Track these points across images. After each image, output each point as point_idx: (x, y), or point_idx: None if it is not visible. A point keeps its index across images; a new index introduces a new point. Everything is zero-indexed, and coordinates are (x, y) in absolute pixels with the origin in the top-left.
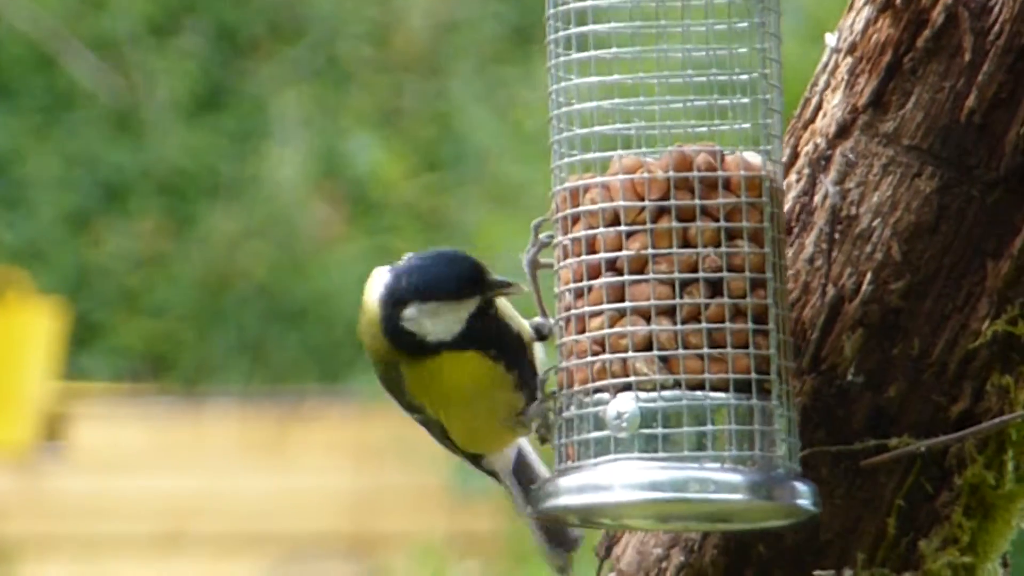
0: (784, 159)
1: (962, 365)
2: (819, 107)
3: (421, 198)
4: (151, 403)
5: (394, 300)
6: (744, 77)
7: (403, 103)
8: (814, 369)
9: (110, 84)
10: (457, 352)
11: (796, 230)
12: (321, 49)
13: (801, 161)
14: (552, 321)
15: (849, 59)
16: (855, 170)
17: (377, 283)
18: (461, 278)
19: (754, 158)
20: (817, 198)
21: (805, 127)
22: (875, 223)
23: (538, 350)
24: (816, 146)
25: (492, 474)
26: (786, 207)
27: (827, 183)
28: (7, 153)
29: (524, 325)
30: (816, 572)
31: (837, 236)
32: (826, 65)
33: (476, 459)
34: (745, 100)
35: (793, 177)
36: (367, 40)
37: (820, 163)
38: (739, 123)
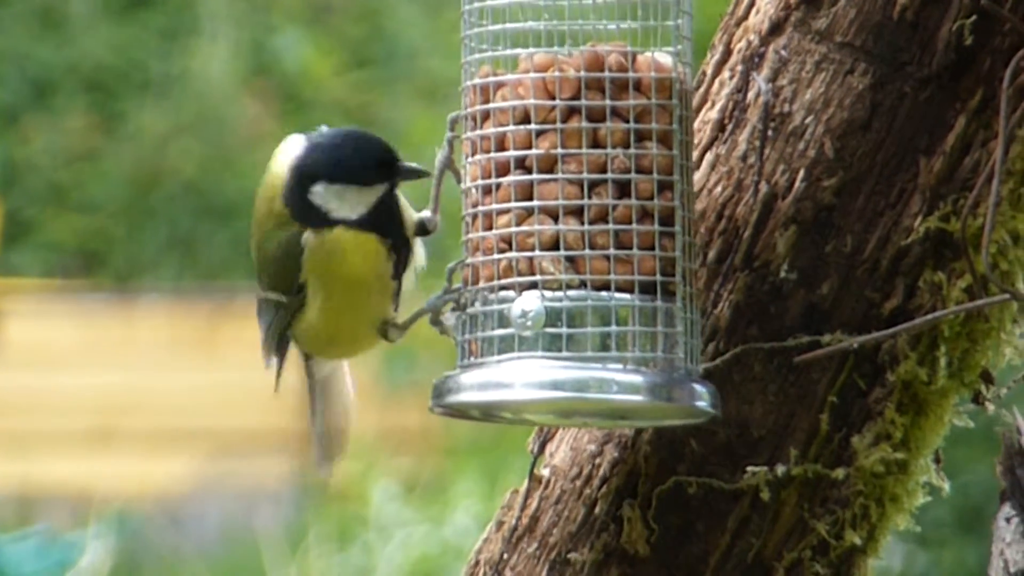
0: (717, 56)
1: (895, 262)
2: (752, 4)
3: (351, 95)
4: (82, 299)
5: (302, 175)
6: None
7: (332, 0)
8: (747, 266)
9: None
10: (356, 231)
11: (729, 128)
12: None
13: (734, 58)
14: (438, 218)
15: None
16: (788, 67)
17: (288, 151)
18: (370, 164)
19: (665, 59)
20: (750, 95)
21: (738, 24)
22: (808, 120)
23: (418, 245)
24: (749, 43)
25: (309, 380)
26: (719, 105)
27: (760, 80)
28: None
29: (412, 218)
30: (749, 468)
31: (770, 133)
32: None
33: (305, 358)
34: None
35: (726, 74)
36: None
37: (753, 60)
38: (649, 22)
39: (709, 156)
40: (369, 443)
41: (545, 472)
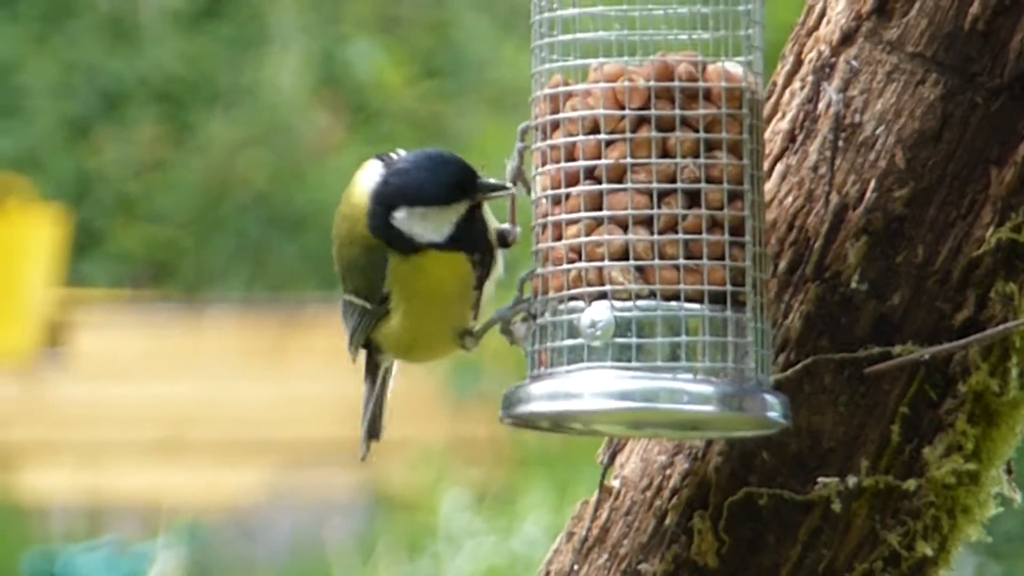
0: (787, 67)
1: (966, 273)
2: (823, 14)
3: (420, 105)
4: (151, 310)
5: (383, 201)
6: None
7: (402, 11)
8: (818, 277)
9: None
10: (445, 252)
11: (800, 138)
12: None
13: (805, 69)
14: (518, 230)
15: None
16: (859, 77)
17: (368, 176)
18: (449, 184)
19: (735, 69)
20: (821, 106)
21: (809, 34)
22: (879, 131)
23: (499, 257)
24: (820, 53)
25: (371, 371)
26: (789, 115)
27: (831, 91)
28: (6, 61)
29: (494, 227)
30: (820, 479)
31: (841, 144)
32: None
33: (372, 354)
34: (726, 8)
35: (797, 85)
36: None
37: (824, 71)
38: (721, 32)
39: (780, 167)
40: (438, 454)
41: (615, 483)
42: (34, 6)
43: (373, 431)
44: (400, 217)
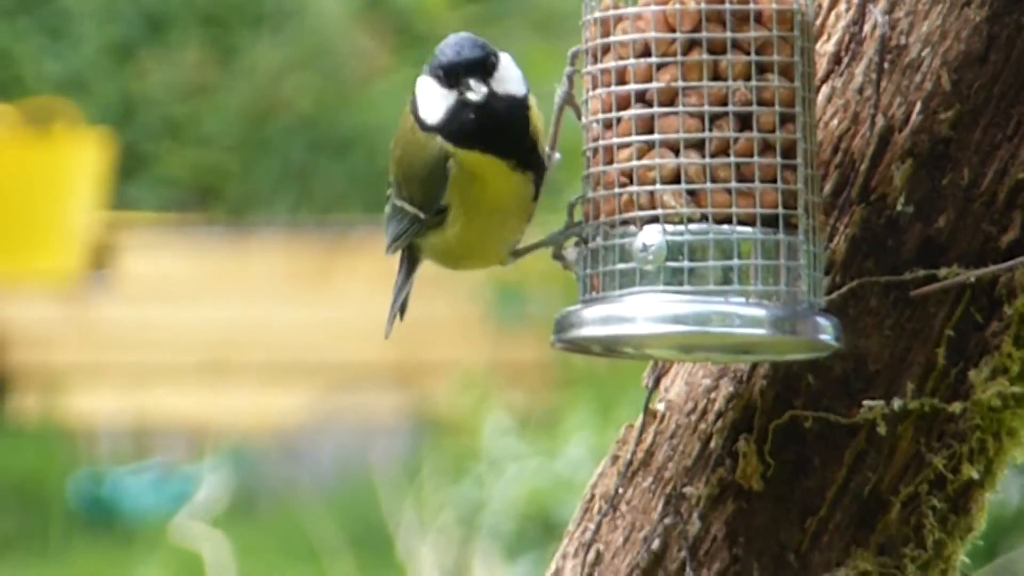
0: None
1: (1012, 194)
2: None
3: (466, 29)
4: (197, 233)
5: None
6: None
7: None
8: (863, 199)
9: None
10: (485, 154)
11: (845, 60)
12: None
13: None
14: (557, 155)
15: None
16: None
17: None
18: (447, 66)
19: None
20: (867, 28)
21: None
22: (924, 52)
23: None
24: None
25: (409, 265)
26: (834, 38)
27: (876, 12)
28: None
29: (543, 148)
30: (865, 402)
31: (886, 66)
32: None
33: (415, 260)
34: None
35: (842, 7)
36: None
37: None
38: None
39: (825, 89)
40: (482, 377)
41: (660, 406)
42: None
43: (403, 311)
44: (417, 92)
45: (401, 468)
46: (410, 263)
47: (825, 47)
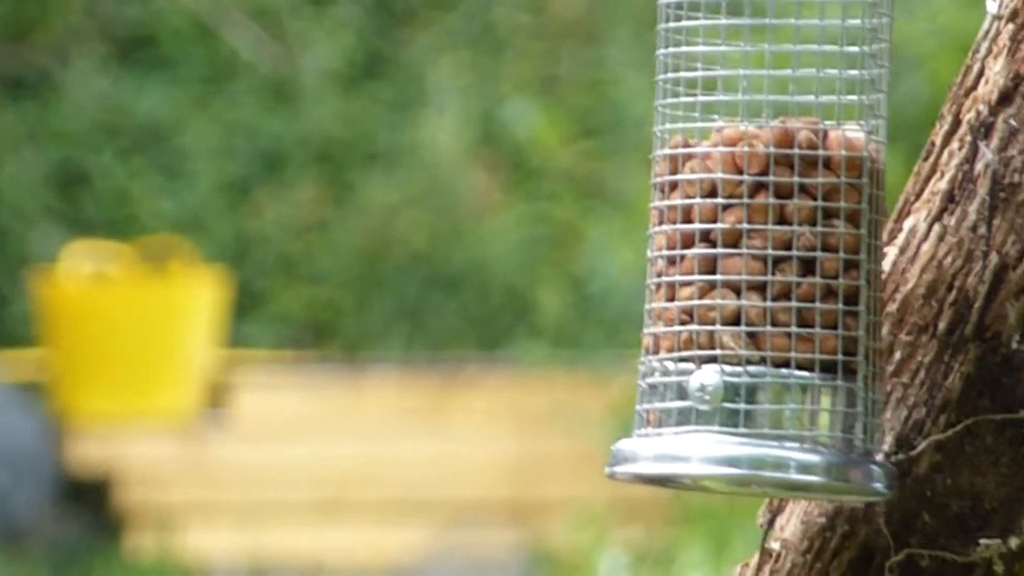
0: (946, 127)
1: None
2: (981, 74)
3: (578, 164)
4: (312, 370)
5: None
6: (854, 50)
7: (560, 70)
8: (978, 337)
9: (269, 54)
10: None
11: (958, 198)
12: (477, 16)
13: (963, 129)
14: None
15: (1011, 25)
16: (1017, 137)
17: None
18: None
19: (856, 137)
20: (979, 166)
21: (967, 94)
22: None
23: None
24: (978, 113)
25: None
26: (947, 175)
27: (988, 151)
28: (168, 123)
29: None
30: (982, 540)
31: (999, 204)
32: (987, 32)
33: None
34: (854, 73)
35: (955, 144)
36: (523, 7)
37: (981, 130)
38: (845, 97)
39: (937, 227)
40: (599, 513)
41: (775, 545)
42: (195, 68)
43: None
44: None
45: None
46: None
47: (938, 185)
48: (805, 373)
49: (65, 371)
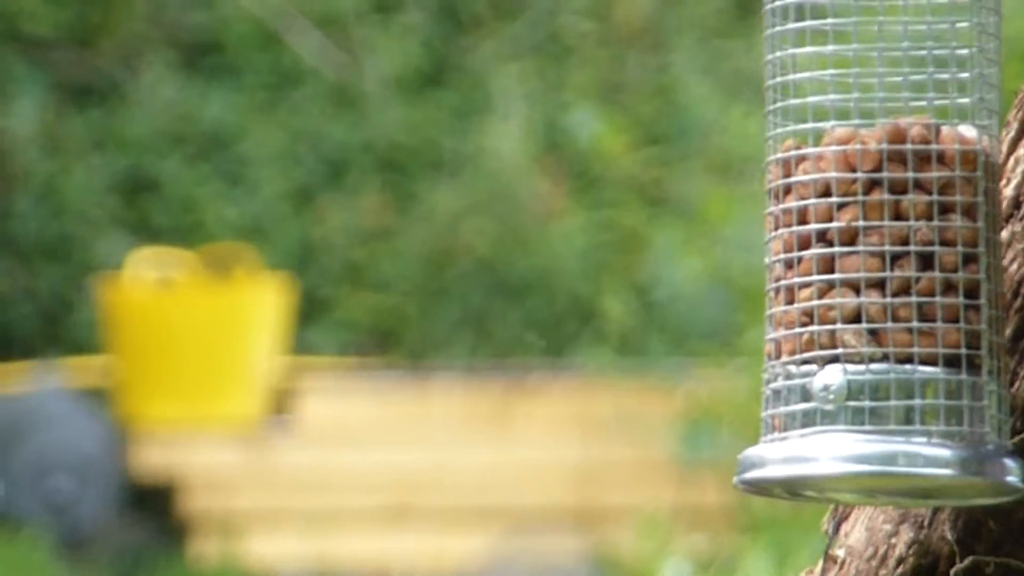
0: (1012, 133)
1: None
2: None
3: (643, 171)
4: (377, 377)
5: None
6: (964, 52)
7: (625, 77)
8: None
9: (334, 61)
10: None
11: None
12: (542, 24)
13: None
14: None
15: None
16: None
17: None
18: None
19: (970, 132)
20: None
21: None
22: None
23: None
24: None
25: None
26: (1014, 182)
27: None
28: (232, 130)
29: None
30: None
31: None
32: None
33: None
34: (964, 74)
35: (1021, 151)
36: (588, 14)
37: None
38: (957, 98)
39: (1004, 234)
40: (664, 520)
41: (840, 552)
42: (259, 75)
43: None
44: None
45: None
46: None
47: (1005, 191)
48: (929, 368)
49: (130, 378)
